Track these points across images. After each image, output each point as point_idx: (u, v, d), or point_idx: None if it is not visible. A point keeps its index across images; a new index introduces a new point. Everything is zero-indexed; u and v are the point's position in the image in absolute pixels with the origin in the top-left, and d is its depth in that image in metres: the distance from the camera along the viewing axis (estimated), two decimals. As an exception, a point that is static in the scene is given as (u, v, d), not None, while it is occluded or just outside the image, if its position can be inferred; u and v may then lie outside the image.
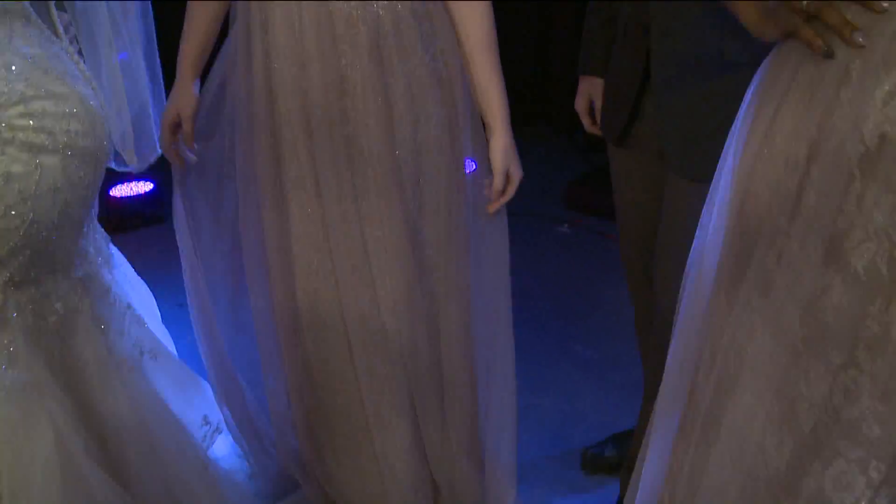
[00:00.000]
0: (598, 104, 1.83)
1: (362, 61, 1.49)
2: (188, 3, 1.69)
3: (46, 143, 1.27)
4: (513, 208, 1.69)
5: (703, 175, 1.51)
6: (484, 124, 1.62)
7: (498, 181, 1.61)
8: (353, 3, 1.47)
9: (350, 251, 1.58)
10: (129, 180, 3.55)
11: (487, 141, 1.61)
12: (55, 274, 1.37)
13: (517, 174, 1.63)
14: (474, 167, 1.65)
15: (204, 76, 1.73)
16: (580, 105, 1.88)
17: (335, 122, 1.51)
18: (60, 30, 1.42)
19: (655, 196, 1.67)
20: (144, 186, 3.57)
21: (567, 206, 3.74)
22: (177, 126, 1.71)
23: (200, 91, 1.71)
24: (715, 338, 0.98)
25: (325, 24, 1.48)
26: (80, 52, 1.54)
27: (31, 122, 1.25)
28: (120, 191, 3.54)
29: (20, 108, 1.25)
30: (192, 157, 1.74)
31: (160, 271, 2.20)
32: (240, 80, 1.61)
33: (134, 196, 3.56)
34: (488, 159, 1.62)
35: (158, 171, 2.13)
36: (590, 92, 1.86)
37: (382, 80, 1.51)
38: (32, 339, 1.32)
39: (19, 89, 1.25)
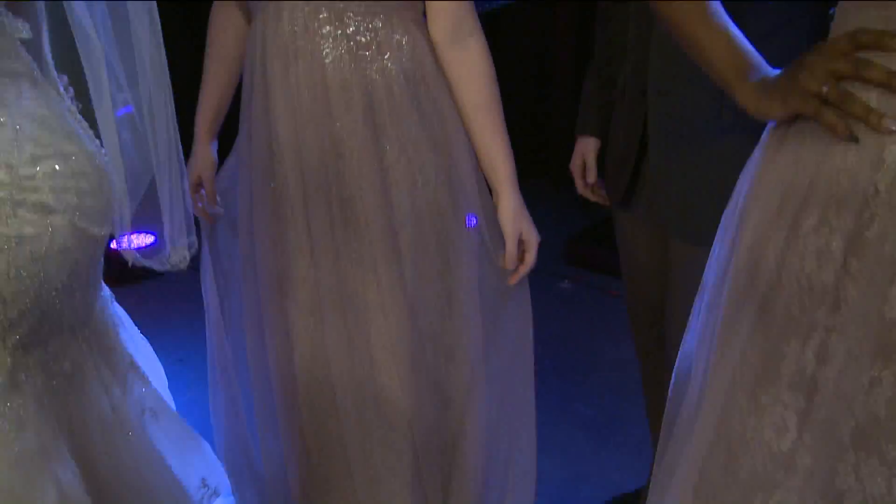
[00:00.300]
0: (590, 163, 1.85)
1: (357, 125, 1.49)
2: (204, 66, 1.72)
3: (57, 203, 1.27)
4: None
5: (704, 239, 1.52)
6: (489, 187, 1.60)
7: (510, 246, 1.57)
8: (346, 67, 1.48)
9: (346, 316, 1.57)
10: (130, 233, 3.55)
11: (495, 206, 1.58)
12: (64, 334, 1.36)
13: (533, 238, 1.59)
14: (475, 222, 1.64)
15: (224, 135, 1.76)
16: (575, 165, 1.89)
17: (331, 185, 1.52)
18: (61, 90, 1.44)
19: (661, 257, 1.67)
20: (145, 239, 3.56)
21: (567, 262, 3.75)
22: (200, 186, 1.74)
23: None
24: (734, 436, 0.94)
25: (319, 87, 1.49)
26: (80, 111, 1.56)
27: (41, 182, 1.26)
28: (120, 243, 3.53)
29: (31, 170, 1.25)
30: (220, 210, 1.76)
31: (160, 326, 2.19)
32: (243, 142, 1.62)
33: (134, 249, 3.55)
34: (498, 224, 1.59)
35: (159, 224, 2.13)
36: (584, 151, 1.87)
37: (377, 144, 1.51)
38: (41, 401, 1.31)
39: (29, 150, 1.26)
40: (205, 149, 1.73)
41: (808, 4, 1.45)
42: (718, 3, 1.09)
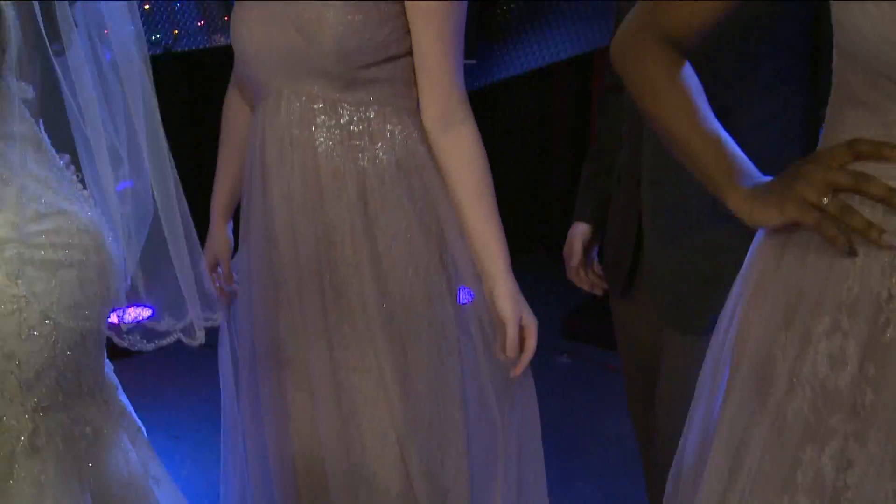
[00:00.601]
0: (577, 248, 1.85)
1: (349, 214, 1.51)
2: (219, 149, 1.76)
3: (63, 259, 1.29)
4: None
5: (699, 327, 1.52)
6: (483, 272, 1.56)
7: (512, 332, 1.52)
8: (339, 156, 1.51)
9: (339, 401, 1.56)
10: (127, 305, 3.54)
11: (489, 292, 1.54)
12: (83, 397, 1.37)
13: (532, 322, 1.54)
14: (469, 304, 1.62)
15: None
16: (567, 251, 1.89)
17: (324, 271, 1.53)
18: (61, 164, 1.46)
19: (659, 344, 1.66)
20: (143, 312, 3.55)
21: (566, 336, 3.73)
22: (216, 268, 1.77)
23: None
24: None
25: (312, 175, 1.51)
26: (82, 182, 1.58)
27: (47, 238, 1.27)
28: (116, 316, 3.51)
29: (36, 226, 1.27)
30: (237, 288, 1.76)
31: (154, 401, 2.16)
32: (243, 225, 1.64)
33: (130, 322, 3.53)
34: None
35: (158, 295, 2.12)
36: (573, 235, 1.87)
37: (369, 233, 1.52)
38: (63, 466, 1.30)
39: (34, 208, 1.29)
40: (220, 230, 1.76)
41: (796, 98, 1.47)
42: (707, 106, 1.08)
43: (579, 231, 1.86)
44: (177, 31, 3.86)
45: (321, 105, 1.51)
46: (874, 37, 0.83)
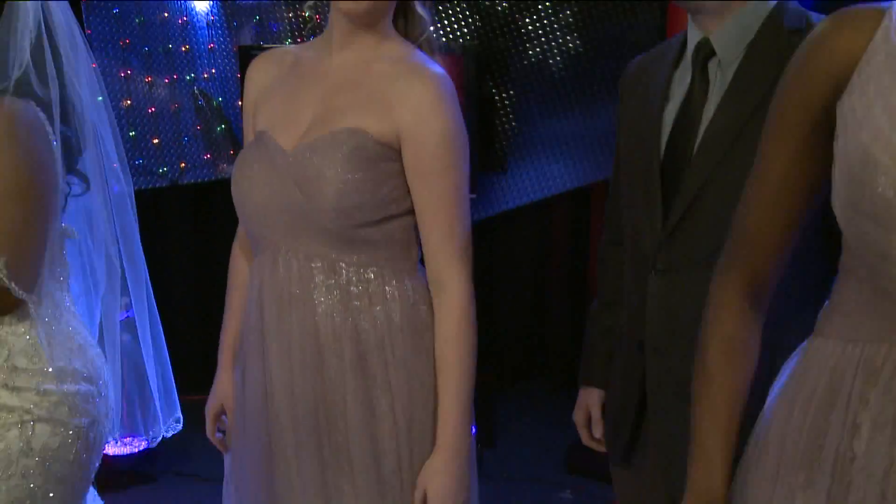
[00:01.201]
0: (596, 415, 1.79)
1: (347, 375, 1.51)
2: (226, 294, 1.76)
3: (66, 417, 1.38)
4: (511, 473, 1.63)
5: None
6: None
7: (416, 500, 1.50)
8: (338, 317, 1.51)
9: None
10: (122, 436, 3.49)
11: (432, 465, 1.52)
12: None
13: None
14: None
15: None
16: (578, 417, 1.83)
17: (323, 431, 1.52)
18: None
19: None
20: (137, 443, 3.50)
21: (568, 471, 3.64)
22: (220, 415, 1.73)
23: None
24: None
25: (311, 336, 1.52)
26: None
27: (54, 396, 1.37)
28: (111, 448, 3.47)
29: (40, 383, 1.37)
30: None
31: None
32: (237, 378, 1.64)
33: (125, 454, 3.48)
34: None
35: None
36: (587, 403, 1.81)
37: (369, 394, 1.52)
38: None
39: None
40: (228, 375, 1.73)
41: (814, 264, 1.40)
42: (742, 408, 1.13)
43: (592, 399, 1.79)
44: (184, 164, 3.95)
45: (319, 264, 1.52)
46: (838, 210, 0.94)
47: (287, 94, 1.59)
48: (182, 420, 1.87)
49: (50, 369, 1.39)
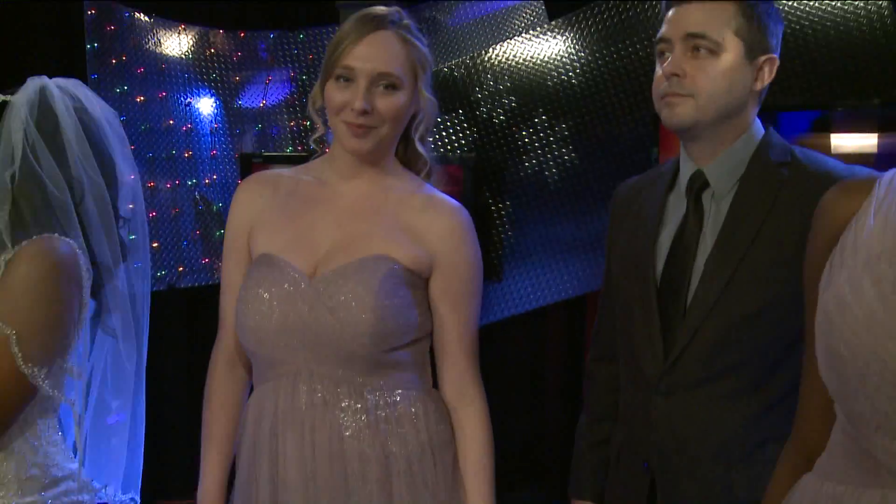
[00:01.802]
0: None
1: (373, 496, 1.50)
2: (207, 441, 1.70)
3: None
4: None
5: None
6: None
7: None
8: (366, 440, 1.51)
9: None
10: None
11: None
12: None
13: None
14: None
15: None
16: None
17: None
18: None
19: None
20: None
21: (564, 586, 3.54)
22: None
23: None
24: None
25: (336, 459, 1.50)
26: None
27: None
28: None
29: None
30: None
31: None
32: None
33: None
34: None
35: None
36: None
37: None
38: None
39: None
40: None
41: None
42: None
43: None
44: (182, 268, 3.96)
45: (345, 388, 1.51)
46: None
47: (291, 217, 1.58)
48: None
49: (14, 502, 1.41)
